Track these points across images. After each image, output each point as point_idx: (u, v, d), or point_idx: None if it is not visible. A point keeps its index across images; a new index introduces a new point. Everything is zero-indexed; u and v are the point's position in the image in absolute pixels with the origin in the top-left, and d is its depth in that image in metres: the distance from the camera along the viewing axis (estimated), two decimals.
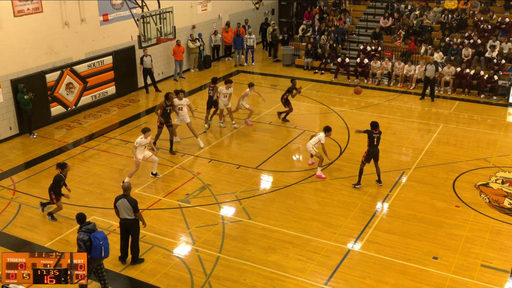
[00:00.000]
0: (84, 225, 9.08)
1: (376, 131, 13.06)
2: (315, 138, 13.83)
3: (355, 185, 13.27)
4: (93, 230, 9.03)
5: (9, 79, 16.07)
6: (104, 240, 9.05)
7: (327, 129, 13.89)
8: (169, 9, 16.74)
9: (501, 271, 10.19)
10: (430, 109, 18.98)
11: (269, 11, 29.98)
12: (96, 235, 8.98)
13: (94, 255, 8.95)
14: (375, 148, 13.12)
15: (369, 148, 13.11)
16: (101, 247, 8.97)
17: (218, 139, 16.35)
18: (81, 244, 8.88)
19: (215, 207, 12.54)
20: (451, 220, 11.92)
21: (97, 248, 8.92)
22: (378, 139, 13.09)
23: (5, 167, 14.62)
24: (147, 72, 20.32)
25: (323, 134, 13.79)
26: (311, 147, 13.90)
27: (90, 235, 8.96)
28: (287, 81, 22.33)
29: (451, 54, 21.75)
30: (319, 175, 13.87)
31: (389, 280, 9.93)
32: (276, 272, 10.16)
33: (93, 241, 8.90)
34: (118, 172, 14.32)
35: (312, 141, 13.89)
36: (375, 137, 13.03)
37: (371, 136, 13.03)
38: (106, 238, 9.12)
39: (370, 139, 13.05)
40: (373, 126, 13.11)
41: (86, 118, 18.28)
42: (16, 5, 15.95)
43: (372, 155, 13.15)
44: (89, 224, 9.12)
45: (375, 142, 13.05)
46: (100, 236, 9.03)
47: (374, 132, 13.03)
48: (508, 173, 14.06)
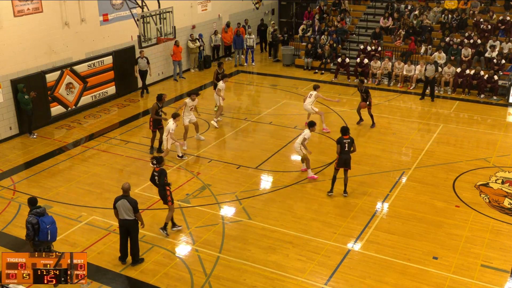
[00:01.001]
0: (34, 208, 9.48)
1: (346, 136, 12.57)
2: (300, 136, 13.58)
3: (329, 193, 12.93)
4: (43, 214, 9.45)
5: (9, 79, 16.07)
6: (51, 225, 9.49)
7: (311, 124, 13.62)
8: (169, 9, 16.73)
9: (501, 271, 10.19)
10: (430, 109, 18.99)
11: (269, 11, 29.97)
12: (44, 219, 9.42)
13: (41, 238, 9.42)
14: (347, 154, 12.55)
15: (341, 154, 12.54)
16: (47, 230, 9.41)
17: (218, 139, 16.34)
18: (29, 226, 9.34)
19: (215, 207, 12.54)
20: (451, 220, 11.92)
21: (43, 232, 9.38)
22: (349, 145, 12.53)
23: (5, 167, 14.62)
24: (142, 74, 20.10)
25: (307, 130, 13.52)
26: (298, 147, 13.60)
27: (39, 218, 9.40)
28: (287, 81, 22.46)
29: (451, 54, 21.76)
30: (311, 177, 13.74)
31: (389, 280, 9.93)
32: (276, 272, 10.16)
33: (40, 225, 9.35)
34: (118, 172, 14.32)
35: (298, 140, 13.62)
36: (346, 143, 12.49)
37: (341, 142, 12.51)
38: (53, 223, 9.54)
39: (341, 145, 12.50)
40: (342, 131, 12.66)
41: (86, 118, 18.28)
42: (16, 5, 15.95)
43: (343, 162, 12.60)
44: (39, 208, 9.53)
45: (346, 148, 12.50)
46: (48, 220, 9.46)
47: (344, 138, 12.54)
48: (508, 173, 14.06)
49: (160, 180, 10.99)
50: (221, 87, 17.21)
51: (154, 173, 11.15)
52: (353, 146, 12.69)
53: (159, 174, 11.01)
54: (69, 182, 13.75)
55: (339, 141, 12.59)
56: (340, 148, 12.53)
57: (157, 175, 11.06)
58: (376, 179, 13.76)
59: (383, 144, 15.91)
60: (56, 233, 9.67)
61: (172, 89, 21.44)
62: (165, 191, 11.03)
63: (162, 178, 10.99)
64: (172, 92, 20.98)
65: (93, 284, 9.77)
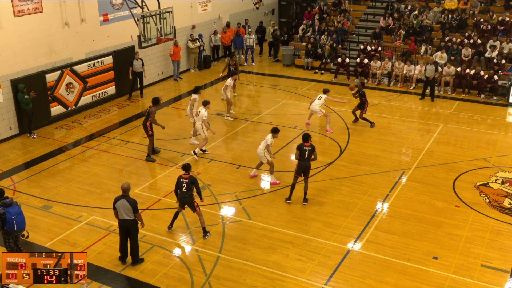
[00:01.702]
0: (1, 199, 9.83)
1: (307, 143, 12.23)
2: (263, 142, 13.26)
3: (287, 200, 12.62)
4: (10, 205, 9.81)
5: (9, 79, 16.07)
6: (17, 215, 9.87)
7: (274, 130, 13.29)
8: (169, 9, 16.73)
9: (501, 271, 10.19)
10: (430, 109, 18.99)
11: (269, 11, 29.98)
12: (9, 210, 9.78)
13: (7, 228, 9.85)
14: (307, 162, 12.24)
15: (300, 161, 12.27)
16: (13, 221, 9.81)
17: (218, 139, 16.33)
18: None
19: (215, 207, 12.53)
20: (451, 220, 11.92)
21: (9, 222, 9.79)
22: (309, 153, 12.19)
23: (5, 167, 14.62)
24: (137, 75, 19.93)
25: (270, 136, 13.22)
26: (262, 153, 13.28)
27: (6, 209, 9.76)
28: (287, 81, 22.47)
29: (451, 54, 21.76)
30: (274, 182, 13.47)
31: (389, 280, 9.93)
32: (276, 272, 10.16)
33: (6, 215, 9.74)
34: (118, 172, 14.32)
35: (261, 146, 13.31)
36: (306, 150, 12.17)
37: (301, 149, 12.20)
38: (20, 213, 9.93)
39: (301, 152, 12.19)
40: (303, 138, 12.34)
41: (86, 118, 18.28)
42: (16, 5, 15.95)
43: (302, 169, 12.30)
44: (7, 199, 9.88)
45: (306, 155, 12.18)
46: (14, 211, 9.82)
47: (304, 145, 12.23)
48: (508, 173, 14.06)
49: (196, 187, 10.93)
50: (229, 83, 17.40)
51: (182, 180, 10.90)
52: (313, 154, 12.28)
53: (191, 182, 10.84)
54: (69, 182, 13.75)
55: (299, 147, 12.27)
56: (299, 155, 12.26)
57: (187, 182, 10.85)
58: (376, 179, 13.75)
59: (383, 144, 15.91)
60: (23, 223, 10.02)
61: (172, 89, 21.44)
62: (192, 198, 10.96)
63: (197, 185, 10.94)
64: (172, 92, 20.99)
65: (93, 284, 9.77)
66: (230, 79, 17.71)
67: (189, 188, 10.86)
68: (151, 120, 14.52)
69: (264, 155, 13.31)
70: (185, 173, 10.91)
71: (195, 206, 10.99)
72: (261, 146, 13.36)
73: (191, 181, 10.84)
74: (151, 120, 14.51)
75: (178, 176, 11.09)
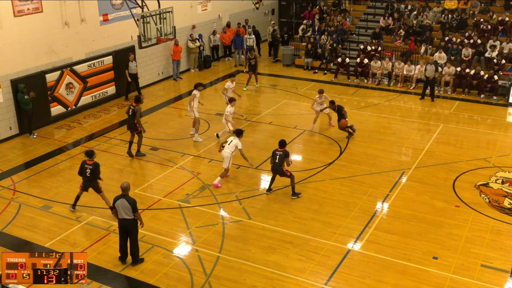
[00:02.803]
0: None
1: (281, 149, 12.54)
2: (232, 145, 13.06)
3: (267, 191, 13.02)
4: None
5: (9, 79, 16.07)
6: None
7: (239, 132, 13.31)
8: (169, 9, 16.72)
9: (501, 271, 10.19)
10: (430, 109, 18.99)
11: (269, 11, 29.98)
12: None
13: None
14: (277, 166, 12.51)
15: (271, 164, 12.72)
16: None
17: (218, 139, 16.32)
18: None
19: (215, 207, 12.54)
20: (451, 220, 11.92)
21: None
22: (280, 157, 12.46)
23: (5, 167, 14.62)
24: (133, 77, 19.85)
25: (237, 139, 13.13)
26: (229, 157, 13.10)
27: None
28: (287, 81, 22.46)
29: (451, 54, 21.76)
30: (216, 185, 13.23)
31: (389, 280, 9.93)
32: (276, 272, 10.16)
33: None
34: (118, 172, 14.32)
35: (228, 149, 13.07)
36: (277, 155, 12.50)
37: (273, 153, 12.62)
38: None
39: (273, 156, 12.61)
40: (279, 144, 12.64)
41: (86, 118, 18.28)
42: (16, 5, 15.95)
43: (273, 173, 12.79)
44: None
45: (277, 159, 12.48)
46: None
47: (278, 150, 12.57)
48: (508, 173, 14.06)
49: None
50: (227, 86, 17.29)
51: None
52: (286, 159, 12.49)
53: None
54: (69, 182, 13.75)
55: (273, 152, 12.72)
56: (271, 158, 12.75)
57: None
58: (376, 179, 13.75)
59: (383, 144, 15.91)
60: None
61: (172, 89, 21.44)
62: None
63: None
64: (171, 92, 21.00)
65: (93, 284, 9.77)
66: (230, 81, 17.40)
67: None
68: (137, 119, 14.51)
69: (230, 161, 13.22)
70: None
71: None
72: (227, 149, 13.12)
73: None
74: (137, 118, 14.51)
75: (82, 161, 11.88)
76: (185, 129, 16.92)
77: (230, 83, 17.33)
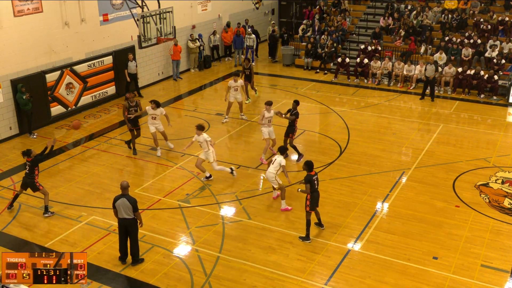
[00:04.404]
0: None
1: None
2: (276, 164, 12.03)
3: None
4: None
5: (9, 79, 16.07)
6: None
7: (282, 150, 12.46)
8: (169, 9, 16.72)
9: (501, 271, 10.19)
10: (430, 109, 18.98)
11: (269, 11, 29.98)
12: None
13: None
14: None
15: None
16: None
17: (218, 139, 16.33)
18: None
19: (215, 207, 12.53)
20: (451, 220, 11.92)
21: None
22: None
23: (5, 167, 14.62)
24: (132, 77, 19.86)
25: (281, 157, 12.16)
26: (273, 177, 12.07)
27: None
28: (287, 81, 22.45)
29: (451, 54, 21.76)
30: (285, 208, 12.31)
31: (389, 280, 9.93)
32: (276, 272, 10.16)
33: None
34: (118, 172, 14.32)
35: (272, 169, 12.06)
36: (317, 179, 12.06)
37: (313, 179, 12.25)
38: None
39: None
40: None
41: (86, 118, 18.28)
42: (16, 5, 15.95)
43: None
44: None
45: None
46: None
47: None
48: (508, 173, 14.06)
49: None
50: (230, 84, 17.26)
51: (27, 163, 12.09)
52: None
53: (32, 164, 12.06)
54: (69, 182, 13.75)
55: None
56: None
57: (29, 165, 12.00)
58: (376, 179, 13.75)
59: (383, 144, 15.91)
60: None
61: (172, 89, 21.44)
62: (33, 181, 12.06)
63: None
64: (171, 92, 20.99)
65: (93, 284, 9.76)
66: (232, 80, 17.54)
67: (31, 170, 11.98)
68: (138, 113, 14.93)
69: (276, 178, 12.18)
70: (27, 157, 11.96)
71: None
72: (271, 169, 12.12)
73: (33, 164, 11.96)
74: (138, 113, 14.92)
75: None
76: (185, 129, 16.92)
77: (232, 81, 17.31)
